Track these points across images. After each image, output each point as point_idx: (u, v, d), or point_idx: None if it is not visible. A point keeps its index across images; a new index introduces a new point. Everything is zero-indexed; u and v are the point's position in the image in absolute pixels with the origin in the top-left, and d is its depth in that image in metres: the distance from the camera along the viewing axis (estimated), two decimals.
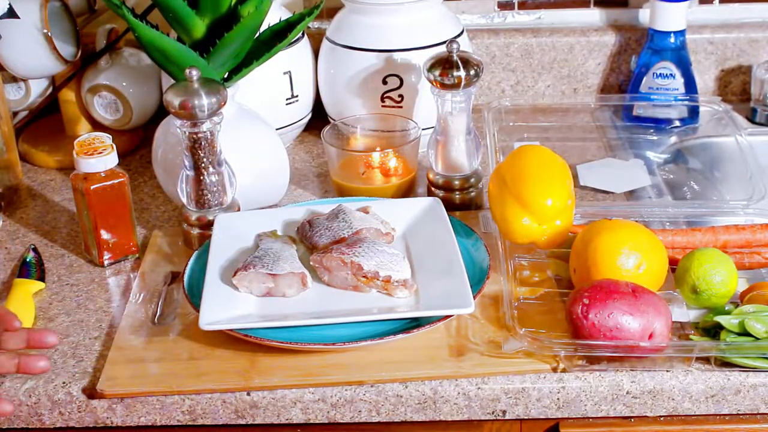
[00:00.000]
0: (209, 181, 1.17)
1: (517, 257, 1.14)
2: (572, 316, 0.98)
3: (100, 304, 1.13)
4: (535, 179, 1.10)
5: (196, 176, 1.17)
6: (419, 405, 0.99)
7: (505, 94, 1.62)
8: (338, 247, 1.08)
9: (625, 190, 1.34)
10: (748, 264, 1.10)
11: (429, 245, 1.14)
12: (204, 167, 1.16)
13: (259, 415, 0.99)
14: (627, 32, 1.59)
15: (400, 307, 1.05)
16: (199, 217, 1.19)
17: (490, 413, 0.99)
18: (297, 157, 1.48)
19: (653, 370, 0.99)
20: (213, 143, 1.16)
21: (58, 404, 0.99)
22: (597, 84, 1.62)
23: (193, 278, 1.10)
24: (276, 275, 1.06)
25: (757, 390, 0.98)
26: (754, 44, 1.58)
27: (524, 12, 1.63)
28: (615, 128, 1.51)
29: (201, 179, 1.17)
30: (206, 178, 1.17)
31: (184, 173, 1.18)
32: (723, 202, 1.34)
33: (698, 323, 1.03)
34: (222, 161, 1.18)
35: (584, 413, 1.00)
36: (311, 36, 1.52)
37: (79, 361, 1.03)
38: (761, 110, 1.51)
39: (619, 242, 1.04)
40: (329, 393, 0.98)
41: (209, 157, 1.16)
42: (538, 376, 0.99)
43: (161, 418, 1.00)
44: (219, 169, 1.17)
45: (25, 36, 1.36)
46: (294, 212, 1.22)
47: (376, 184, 1.31)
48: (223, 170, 1.18)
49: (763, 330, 0.97)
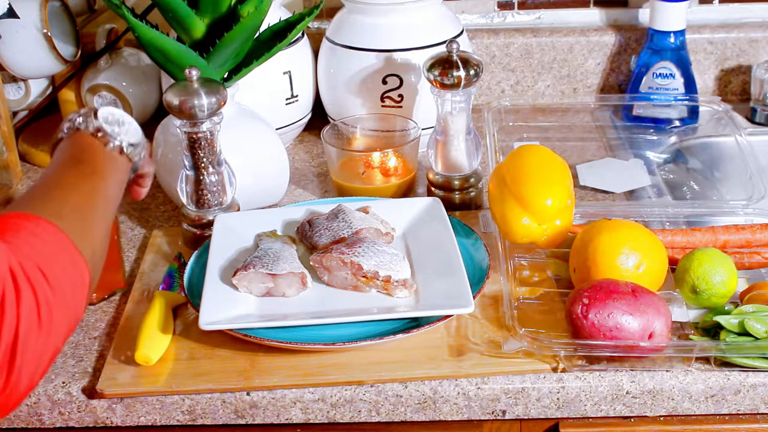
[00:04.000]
0: (209, 181, 1.17)
1: (517, 257, 1.14)
2: (572, 316, 0.98)
3: (100, 304, 1.13)
4: (534, 179, 1.10)
5: (196, 176, 1.17)
6: (419, 405, 0.99)
7: (504, 94, 1.62)
8: (338, 247, 1.08)
9: (625, 190, 1.34)
10: (747, 264, 1.10)
11: (429, 245, 1.14)
12: (204, 167, 1.16)
13: (259, 415, 0.99)
14: (627, 32, 1.59)
15: (400, 307, 1.05)
16: (199, 217, 1.19)
17: (490, 413, 1.00)
18: (297, 157, 1.48)
19: (653, 370, 0.99)
20: (213, 143, 1.16)
21: (57, 404, 0.99)
22: (597, 84, 1.62)
23: (193, 278, 1.10)
24: (276, 275, 1.06)
25: (756, 390, 0.98)
26: (753, 44, 1.58)
27: (524, 12, 1.63)
28: (615, 128, 1.51)
29: (201, 179, 1.17)
30: (206, 177, 1.17)
31: (184, 173, 1.18)
32: (723, 202, 1.34)
33: (698, 323, 1.03)
34: (222, 161, 1.18)
35: (584, 413, 1.00)
36: (311, 36, 1.52)
37: (78, 361, 1.03)
38: (761, 110, 1.51)
39: (619, 242, 1.04)
40: (329, 393, 0.98)
41: (209, 157, 1.16)
42: (538, 376, 0.99)
43: (161, 418, 1.00)
44: (219, 168, 1.17)
45: (25, 36, 1.36)
46: (294, 212, 1.22)
47: (376, 184, 1.31)
48: (223, 170, 1.18)
49: (762, 330, 0.97)
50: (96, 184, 0.89)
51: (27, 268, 0.74)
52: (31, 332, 0.73)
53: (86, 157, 0.91)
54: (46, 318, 0.74)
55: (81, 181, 0.88)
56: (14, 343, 0.72)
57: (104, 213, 0.88)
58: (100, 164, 0.91)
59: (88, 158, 0.91)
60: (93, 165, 0.91)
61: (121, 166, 0.94)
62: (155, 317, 1.04)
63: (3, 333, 0.71)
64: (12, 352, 0.72)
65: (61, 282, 0.77)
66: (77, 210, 0.84)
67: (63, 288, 0.77)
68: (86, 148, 0.92)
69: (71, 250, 0.79)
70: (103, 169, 0.91)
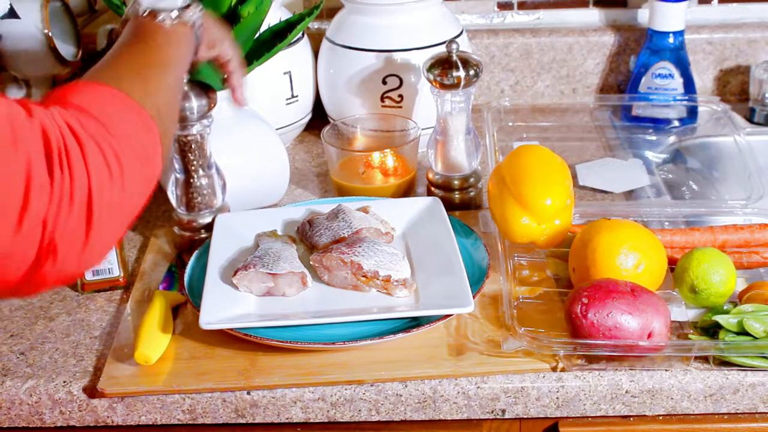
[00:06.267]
0: (199, 184, 1.17)
1: (517, 257, 1.15)
2: (571, 316, 0.98)
3: (101, 304, 1.13)
4: (534, 179, 1.10)
5: (186, 179, 1.17)
6: (419, 404, 0.99)
7: (504, 94, 1.63)
8: (338, 247, 1.08)
9: (624, 190, 1.34)
10: (746, 263, 1.11)
11: (428, 245, 1.14)
12: (194, 170, 1.16)
13: (259, 415, 1.00)
14: (626, 32, 1.59)
15: (400, 307, 1.05)
16: (189, 220, 1.19)
17: (490, 412, 1.00)
18: (297, 157, 1.48)
19: (652, 369, 0.99)
20: (203, 146, 1.15)
21: (58, 403, 1.00)
22: (596, 84, 1.62)
23: (193, 278, 1.11)
24: (276, 275, 1.06)
25: (755, 389, 0.98)
26: (752, 44, 1.59)
27: (523, 12, 1.63)
28: (614, 128, 1.52)
29: (191, 182, 1.17)
30: (196, 181, 1.17)
31: (174, 176, 1.17)
32: (721, 202, 1.34)
33: (697, 322, 1.03)
34: (212, 164, 1.17)
35: (583, 412, 1.00)
36: (311, 36, 1.52)
37: (79, 360, 1.04)
38: (760, 110, 1.52)
39: (618, 242, 1.04)
40: (329, 392, 0.99)
41: (199, 161, 1.15)
42: (538, 375, 0.99)
43: (161, 417, 1.00)
44: (209, 172, 1.17)
45: (26, 36, 1.36)
46: (294, 212, 1.22)
47: (376, 183, 1.31)
48: (213, 173, 1.17)
49: (761, 329, 0.98)
50: (152, 50, 0.89)
51: (87, 125, 0.74)
52: (103, 186, 0.73)
53: (139, 32, 0.91)
54: (116, 169, 0.74)
55: (136, 51, 0.88)
56: (89, 199, 0.72)
57: (165, 74, 0.88)
58: (153, 33, 0.91)
59: (141, 33, 0.91)
60: (146, 36, 0.91)
61: (178, 31, 0.93)
62: (155, 317, 1.04)
63: (75, 189, 0.71)
64: (88, 208, 0.72)
65: (126, 133, 0.76)
66: (136, 72, 0.84)
67: (129, 139, 0.76)
68: (138, 27, 0.92)
69: (133, 105, 0.79)
70: (155, 36, 0.91)
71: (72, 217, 0.71)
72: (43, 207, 0.69)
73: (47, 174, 0.70)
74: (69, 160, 0.71)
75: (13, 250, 0.70)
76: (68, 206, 0.71)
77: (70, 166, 0.71)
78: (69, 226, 0.71)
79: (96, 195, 0.72)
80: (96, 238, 0.73)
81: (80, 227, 0.72)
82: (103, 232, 0.74)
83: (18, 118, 0.70)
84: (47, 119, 0.72)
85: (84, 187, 0.72)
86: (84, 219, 0.72)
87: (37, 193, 0.69)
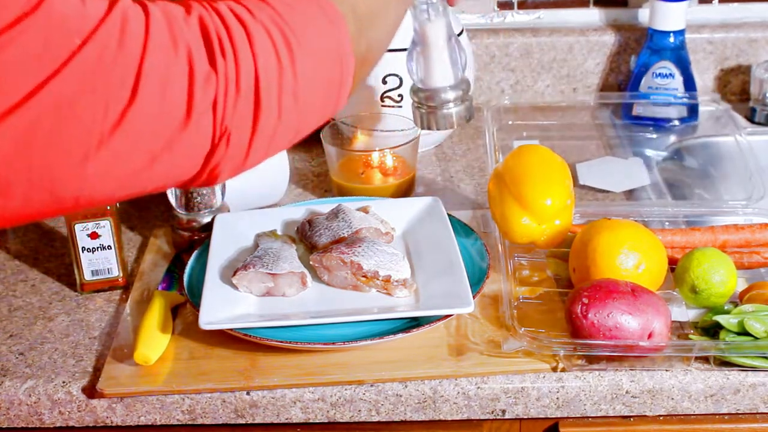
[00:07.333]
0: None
1: (517, 257, 1.15)
2: (571, 316, 0.98)
3: (100, 304, 1.13)
4: (534, 179, 1.10)
5: None
6: (419, 404, 0.99)
7: (504, 94, 1.62)
8: (338, 247, 1.08)
9: (625, 190, 1.34)
10: (747, 263, 1.11)
11: (428, 245, 1.14)
12: None
13: (259, 415, 0.99)
14: (626, 32, 1.59)
15: (400, 307, 1.05)
16: (189, 220, 1.19)
17: (490, 413, 1.00)
18: (297, 157, 1.48)
19: (652, 369, 0.99)
20: None
21: (57, 403, 0.99)
22: (596, 84, 1.62)
23: (192, 278, 1.10)
24: (276, 275, 1.06)
25: (756, 389, 0.98)
26: (753, 44, 1.58)
27: (524, 12, 1.63)
28: (614, 127, 1.51)
29: None
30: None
31: None
32: (722, 202, 1.34)
33: (697, 323, 1.03)
34: None
35: (583, 413, 1.00)
36: None
37: (78, 361, 1.03)
38: (760, 110, 1.52)
39: (619, 242, 1.04)
40: (329, 392, 0.99)
41: None
42: (538, 375, 0.99)
43: (161, 417, 1.00)
44: None
45: None
46: (294, 212, 1.22)
47: (376, 183, 1.31)
48: None
49: (762, 329, 0.97)
50: None
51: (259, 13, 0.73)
52: (270, 71, 0.72)
53: None
54: (285, 58, 0.73)
55: None
56: (256, 83, 0.71)
57: None
58: None
59: None
60: None
61: None
62: (154, 317, 1.04)
63: (241, 75, 0.71)
64: (256, 92, 0.72)
65: (305, 30, 0.75)
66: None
67: (307, 35, 0.76)
68: None
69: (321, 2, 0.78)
70: None
71: (240, 102, 0.71)
72: (210, 96, 0.70)
73: (209, 64, 0.70)
74: (234, 47, 0.71)
75: (188, 140, 0.70)
76: (235, 91, 0.71)
77: (235, 52, 0.71)
78: (238, 111, 0.71)
79: (263, 79, 0.72)
80: (264, 125, 0.73)
81: (248, 112, 0.72)
82: (271, 121, 0.74)
83: (176, 19, 0.70)
84: (205, 11, 0.72)
85: (251, 71, 0.71)
86: (251, 103, 0.72)
87: (202, 85, 0.69)
